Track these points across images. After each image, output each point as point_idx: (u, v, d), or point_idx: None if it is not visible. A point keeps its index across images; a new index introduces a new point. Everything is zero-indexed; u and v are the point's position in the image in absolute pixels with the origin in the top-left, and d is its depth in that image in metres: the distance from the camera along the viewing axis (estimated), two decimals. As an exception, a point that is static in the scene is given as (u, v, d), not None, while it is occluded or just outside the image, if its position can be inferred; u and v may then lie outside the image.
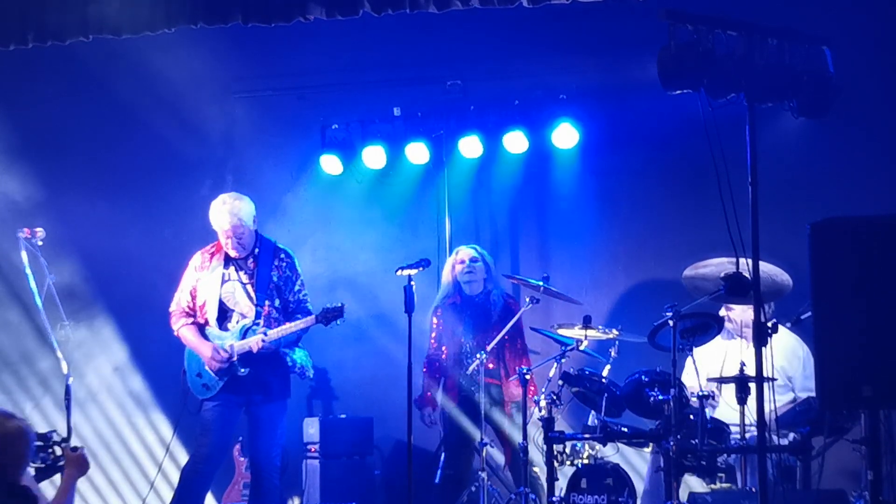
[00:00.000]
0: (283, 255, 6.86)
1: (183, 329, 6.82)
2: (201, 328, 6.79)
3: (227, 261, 6.81)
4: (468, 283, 7.52)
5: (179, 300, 6.87)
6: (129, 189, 8.57)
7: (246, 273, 6.80)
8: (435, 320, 7.61)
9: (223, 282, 6.79)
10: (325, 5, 6.65)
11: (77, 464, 4.89)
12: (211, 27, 6.88)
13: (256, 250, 6.82)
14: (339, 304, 6.70)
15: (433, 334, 7.61)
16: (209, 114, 8.58)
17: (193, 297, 6.83)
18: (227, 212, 6.72)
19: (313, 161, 8.62)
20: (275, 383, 6.76)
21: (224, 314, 6.79)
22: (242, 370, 6.65)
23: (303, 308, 6.84)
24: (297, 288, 6.86)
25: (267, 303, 6.74)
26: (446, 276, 7.63)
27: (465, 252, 7.58)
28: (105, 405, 8.56)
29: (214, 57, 8.17)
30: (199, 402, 6.77)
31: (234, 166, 8.93)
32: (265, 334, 6.62)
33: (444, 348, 7.52)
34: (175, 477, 7.29)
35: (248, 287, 6.77)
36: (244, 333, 6.68)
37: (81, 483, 8.19)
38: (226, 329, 6.76)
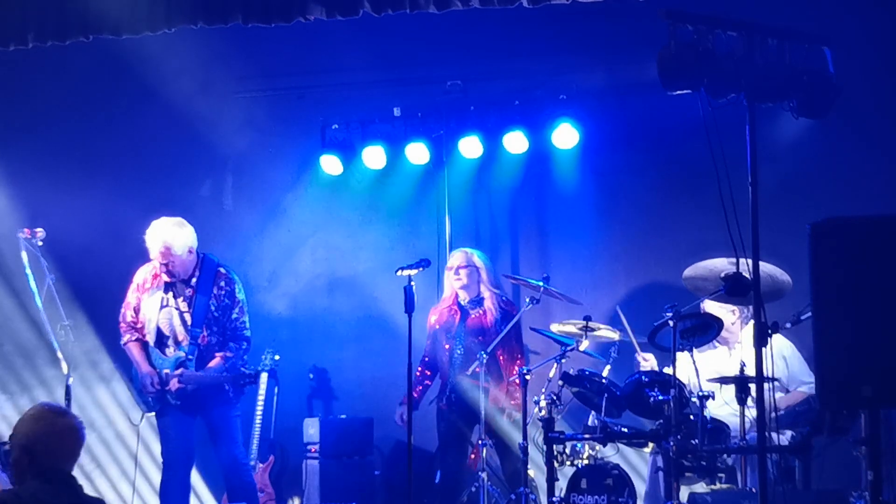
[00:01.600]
0: (223, 283, 6.82)
1: (129, 345, 6.90)
2: (146, 346, 6.84)
3: (168, 286, 6.82)
4: (461, 289, 7.53)
5: (125, 314, 6.92)
6: (130, 188, 8.57)
7: (185, 300, 6.79)
8: (430, 322, 7.67)
9: (161, 307, 6.80)
10: (325, 5, 6.63)
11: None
12: (211, 27, 6.87)
13: (194, 280, 6.80)
14: (254, 372, 6.76)
15: (427, 339, 7.69)
16: (209, 114, 8.57)
17: (136, 315, 6.87)
18: (157, 237, 6.74)
19: (313, 161, 8.62)
20: (216, 395, 6.77)
21: (160, 339, 6.81)
22: (176, 401, 6.71)
23: (238, 335, 6.83)
24: (234, 315, 6.83)
25: (204, 333, 6.74)
26: (445, 280, 7.65)
27: (456, 258, 7.61)
28: (104, 403, 8.55)
29: (214, 57, 8.17)
30: (143, 414, 6.89)
31: (235, 166, 8.93)
32: (180, 379, 6.66)
33: (439, 352, 7.58)
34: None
35: (186, 316, 6.77)
36: (178, 365, 6.72)
37: (81, 481, 8.32)
38: (164, 355, 6.80)
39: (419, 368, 7.63)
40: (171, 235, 6.72)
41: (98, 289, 8.33)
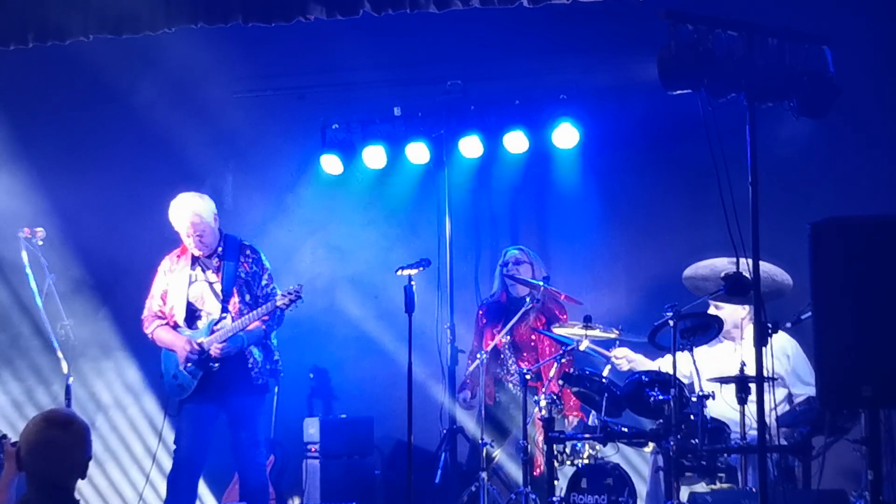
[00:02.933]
0: (248, 252, 6.85)
1: (157, 330, 6.84)
2: (175, 328, 6.81)
3: (194, 261, 6.83)
4: (513, 284, 7.52)
5: (150, 306, 6.89)
6: (130, 189, 8.57)
7: (213, 272, 6.80)
8: (479, 315, 7.71)
9: (190, 283, 6.80)
10: (326, 5, 6.64)
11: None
12: (211, 27, 6.87)
13: (220, 248, 6.82)
14: (297, 286, 6.65)
15: (474, 337, 7.72)
16: (210, 114, 8.57)
17: (164, 301, 6.85)
18: (184, 208, 6.75)
19: (314, 161, 8.63)
20: (248, 379, 6.74)
21: (192, 315, 6.79)
22: (214, 364, 6.64)
23: (271, 301, 6.78)
24: (264, 282, 6.83)
25: (235, 298, 6.73)
26: (496, 277, 7.69)
27: (511, 254, 7.63)
28: (103, 404, 8.56)
29: (215, 57, 8.16)
30: (177, 404, 6.80)
31: (235, 166, 8.93)
32: (218, 339, 6.62)
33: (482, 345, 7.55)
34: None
35: (216, 286, 6.77)
36: (211, 329, 6.69)
37: (81, 483, 8.33)
38: (195, 328, 6.77)
39: (468, 360, 7.66)
40: (198, 204, 6.77)
41: (98, 288, 8.36)
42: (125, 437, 8.60)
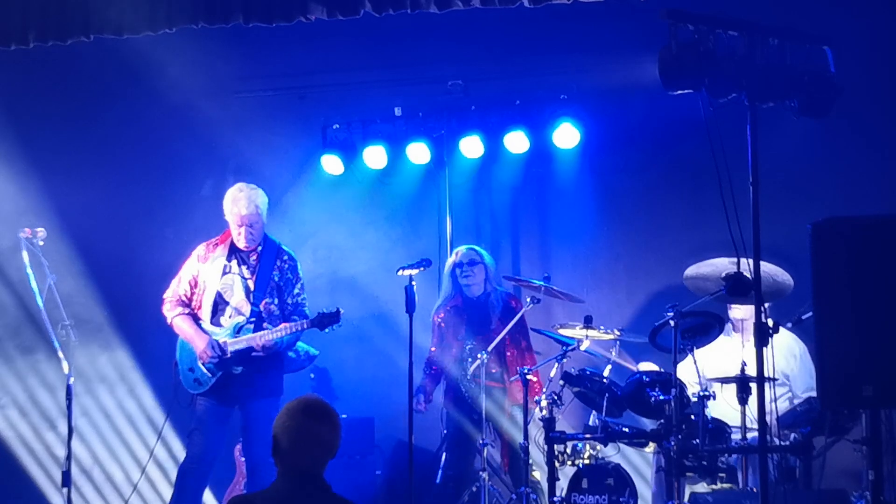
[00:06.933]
0: (286, 257, 6.86)
1: (178, 319, 6.80)
2: (196, 320, 6.79)
3: (231, 253, 6.82)
4: (468, 285, 7.51)
5: (176, 289, 6.87)
6: (131, 188, 8.57)
7: (248, 268, 6.80)
8: (437, 321, 7.61)
9: (224, 273, 6.79)
10: (326, 5, 6.64)
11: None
12: (212, 27, 6.87)
13: (260, 248, 6.83)
14: (335, 310, 6.67)
15: (434, 337, 7.62)
16: (210, 113, 8.57)
17: (192, 287, 6.83)
18: (246, 198, 6.76)
19: (314, 161, 8.62)
20: (267, 380, 6.74)
21: (216, 307, 6.78)
22: (237, 368, 6.64)
23: (300, 311, 6.83)
24: (296, 291, 6.85)
25: (265, 301, 6.74)
26: (447, 277, 7.62)
27: (464, 254, 7.57)
28: (104, 404, 8.56)
29: (215, 57, 8.17)
30: (190, 395, 6.77)
31: (236, 166, 8.91)
32: (241, 343, 6.61)
33: (445, 350, 7.52)
34: (170, 469, 7.31)
35: (249, 282, 6.77)
36: (237, 331, 6.68)
37: (79, 478, 8.33)
38: (218, 324, 6.75)
39: (424, 370, 7.59)
40: (256, 196, 6.79)
41: (99, 288, 8.36)
42: (123, 434, 8.60)
